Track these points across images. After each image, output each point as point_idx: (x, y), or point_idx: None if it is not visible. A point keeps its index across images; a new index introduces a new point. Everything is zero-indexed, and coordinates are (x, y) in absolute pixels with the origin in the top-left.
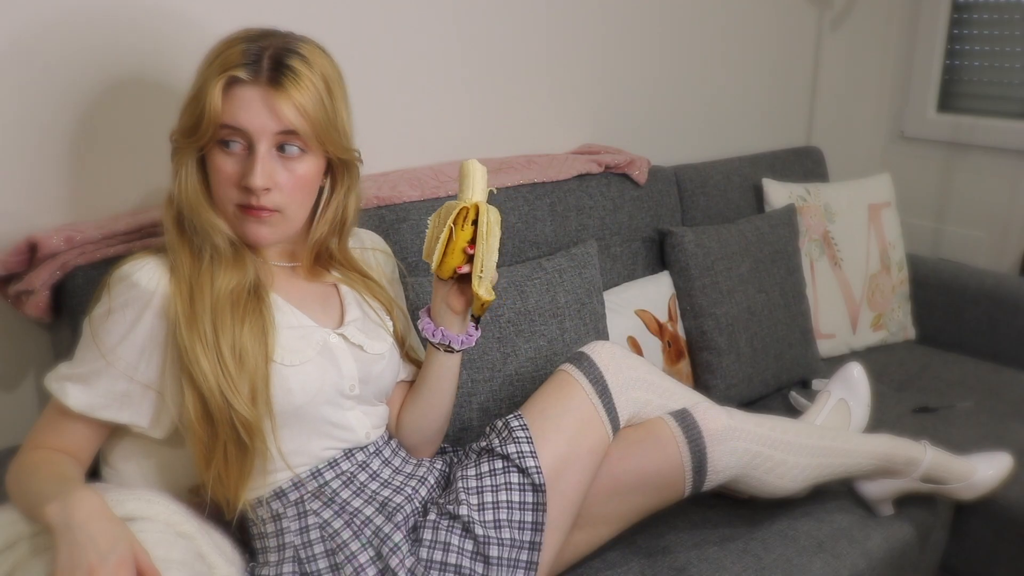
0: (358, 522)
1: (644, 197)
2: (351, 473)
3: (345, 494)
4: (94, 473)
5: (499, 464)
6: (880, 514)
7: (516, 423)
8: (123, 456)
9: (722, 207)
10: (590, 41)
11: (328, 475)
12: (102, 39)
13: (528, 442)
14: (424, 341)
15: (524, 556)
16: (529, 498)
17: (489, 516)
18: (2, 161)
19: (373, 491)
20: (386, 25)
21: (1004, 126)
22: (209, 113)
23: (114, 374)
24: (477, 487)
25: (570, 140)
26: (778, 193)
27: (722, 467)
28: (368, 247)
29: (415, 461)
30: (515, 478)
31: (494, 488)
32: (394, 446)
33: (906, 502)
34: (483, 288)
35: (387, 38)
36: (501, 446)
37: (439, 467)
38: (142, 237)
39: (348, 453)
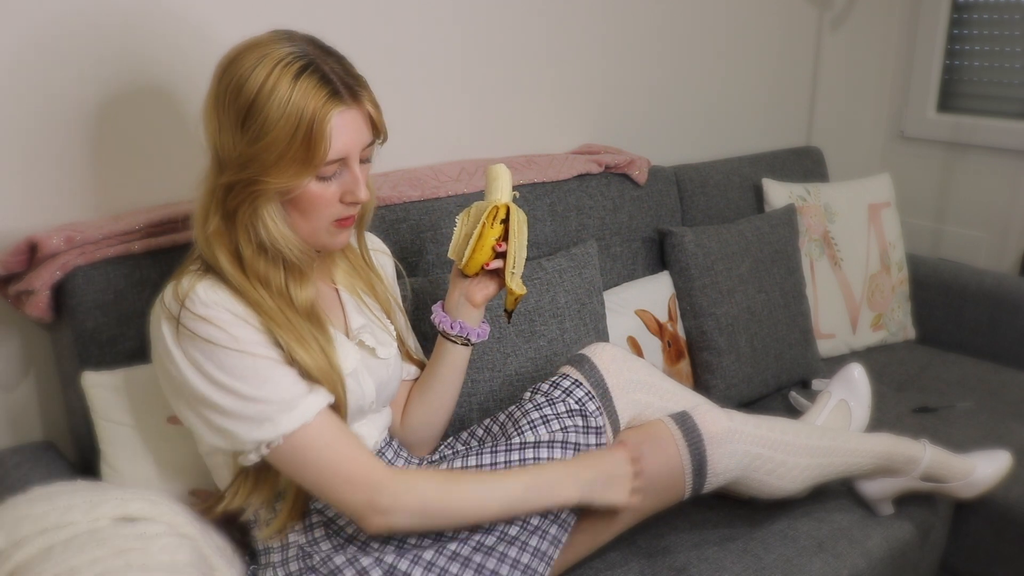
0: None
1: (644, 197)
2: None
3: None
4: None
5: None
6: (880, 513)
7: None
8: (122, 455)
9: (722, 207)
10: (590, 41)
11: None
12: (104, 42)
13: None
14: (439, 335)
15: (540, 567)
16: (592, 439)
17: (554, 428)
18: (3, 161)
19: None
20: (386, 25)
21: (1004, 126)
22: (321, 154)
23: (272, 362)
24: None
25: (570, 140)
26: (778, 193)
27: (722, 469)
28: (367, 248)
29: (415, 463)
30: (579, 421)
31: (557, 416)
32: (396, 447)
33: (906, 501)
34: (515, 283)
35: (387, 38)
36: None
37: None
38: (142, 237)
39: None
